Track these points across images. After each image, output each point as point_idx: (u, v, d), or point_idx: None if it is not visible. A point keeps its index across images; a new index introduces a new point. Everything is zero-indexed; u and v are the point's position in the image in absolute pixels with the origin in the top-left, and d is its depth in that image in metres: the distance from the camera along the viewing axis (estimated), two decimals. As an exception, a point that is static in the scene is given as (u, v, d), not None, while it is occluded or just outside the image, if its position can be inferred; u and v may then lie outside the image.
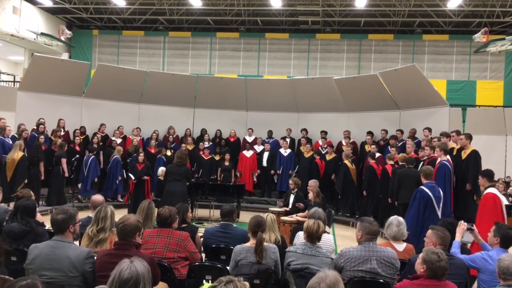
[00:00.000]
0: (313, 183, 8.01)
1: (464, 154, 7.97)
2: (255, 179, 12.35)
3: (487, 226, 5.47)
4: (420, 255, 3.24)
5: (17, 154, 9.53)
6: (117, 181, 11.37)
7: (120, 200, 11.55)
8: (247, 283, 2.35)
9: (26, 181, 9.59)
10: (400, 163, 8.75)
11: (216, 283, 2.30)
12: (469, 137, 8.05)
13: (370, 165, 9.96)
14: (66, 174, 10.52)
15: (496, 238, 3.88)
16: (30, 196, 5.15)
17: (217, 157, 12.13)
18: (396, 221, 4.43)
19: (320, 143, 11.98)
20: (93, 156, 11.08)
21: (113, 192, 11.43)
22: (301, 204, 8.13)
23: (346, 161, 10.63)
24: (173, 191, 8.16)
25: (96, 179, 11.18)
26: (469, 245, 6.27)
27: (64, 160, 10.40)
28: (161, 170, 10.30)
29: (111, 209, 4.10)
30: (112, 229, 4.00)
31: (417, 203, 6.62)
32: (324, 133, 12.08)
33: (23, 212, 4.24)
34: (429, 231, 3.96)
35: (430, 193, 6.58)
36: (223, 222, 4.75)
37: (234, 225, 4.78)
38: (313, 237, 3.90)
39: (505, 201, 5.85)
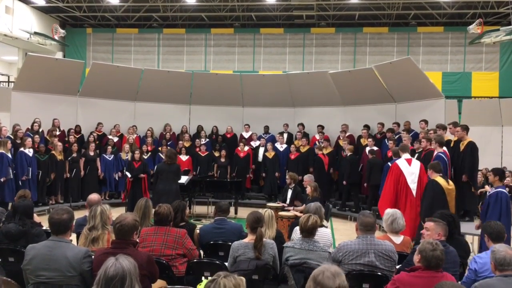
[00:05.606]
0: (307, 178, 8.02)
1: (462, 146, 7.97)
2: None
3: None
4: (417, 247, 3.25)
5: None
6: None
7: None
8: (243, 278, 2.36)
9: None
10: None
11: (215, 276, 2.31)
12: (465, 128, 8.03)
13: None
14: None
15: (486, 237, 3.85)
16: (27, 196, 5.15)
17: (216, 154, 12.12)
18: (399, 214, 4.45)
19: (317, 138, 11.98)
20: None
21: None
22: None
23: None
24: (167, 190, 8.07)
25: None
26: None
27: None
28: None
29: (104, 207, 4.08)
30: (107, 227, 3.99)
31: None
32: (320, 128, 12.08)
33: (22, 212, 4.23)
34: (432, 224, 3.93)
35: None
36: (218, 217, 4.75)
37: (234, 221, 4.78)
38: (303, 230, 3.90)
39: None
